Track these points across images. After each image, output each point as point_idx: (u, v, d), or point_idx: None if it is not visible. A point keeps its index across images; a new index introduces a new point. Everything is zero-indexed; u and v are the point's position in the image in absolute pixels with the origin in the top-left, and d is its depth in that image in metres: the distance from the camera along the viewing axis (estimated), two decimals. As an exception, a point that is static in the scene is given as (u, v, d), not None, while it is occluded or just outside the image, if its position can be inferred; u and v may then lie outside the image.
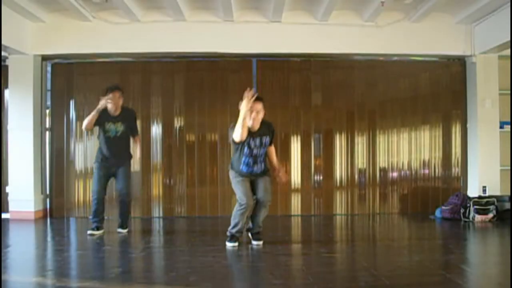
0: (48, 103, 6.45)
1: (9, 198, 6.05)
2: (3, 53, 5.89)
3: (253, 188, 4.41)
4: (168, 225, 5.84)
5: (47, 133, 6.40)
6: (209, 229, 5.52)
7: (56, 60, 6.36)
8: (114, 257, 4.17)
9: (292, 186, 6.43)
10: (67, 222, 6.04)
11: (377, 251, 4.39)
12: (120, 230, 5.12)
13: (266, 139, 4.41)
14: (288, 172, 6.31)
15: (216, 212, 6.30)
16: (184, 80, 6.40)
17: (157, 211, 6.34)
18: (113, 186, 5.32)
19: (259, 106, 4.35)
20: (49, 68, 6.40)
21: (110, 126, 4.97)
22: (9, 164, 6.09)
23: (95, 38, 6.02)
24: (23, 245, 4.69)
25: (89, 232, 4.99)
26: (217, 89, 6.37)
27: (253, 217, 4.46)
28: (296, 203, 6.42)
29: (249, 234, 4.53)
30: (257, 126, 4.37)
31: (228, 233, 4.42)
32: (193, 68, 6.41)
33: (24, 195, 5.99)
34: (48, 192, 6.34)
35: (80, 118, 6.35)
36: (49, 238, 5.24)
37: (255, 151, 4.35)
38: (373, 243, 4.94)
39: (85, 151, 6.35)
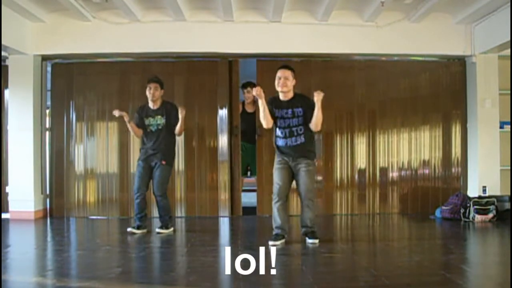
0: (48, 103, 6.45)
1: (9, 198, 6.05)
2: (3, 53, 5.88)
3: (296, 181, 4.46)
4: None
5: (47, 133, 6.40)
6: (209, 229, 5.52)
7: (56, 60, 6.35)
8: (114, 257, 4.16)
9: (292, 186, 6.41)
10: (67, 222, 6.03)
11: (377, 251, 4.39)
12: (159, 230, 5.02)
13: (299, 110, 4.39)
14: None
15: (216, 213, 6.31)
16: (184, 80, 6.40)
17: (157, 211, 6.32)
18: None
19: (286, 73, 4.37)
20: (49, 68, 6.40)
21: (150, 120, 5.02)
22: (9, 164, 6.09)
23: (95, 38, 6.02)
24: (23, 245, 4.68)
25: (129, 229, 4.99)
26: (217, 89, 6.36)
27: (300, 215, 4.51)
28: (296, 203, 6.41)
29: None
30: (288, 95, 4.41)
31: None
32: (193, 68, 6.40)
33: (24, 195, 5.98)
34: (48, 192, 6.34)
35: (80, 118, 6.36)
36: (49, 238, 5.24)
37: (287, 122, 4.38)
38: (373, 243, 4.93)
39: (85, 151, 6.35)
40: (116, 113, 5.03)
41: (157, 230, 5.02)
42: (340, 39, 6.15)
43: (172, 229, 5.10)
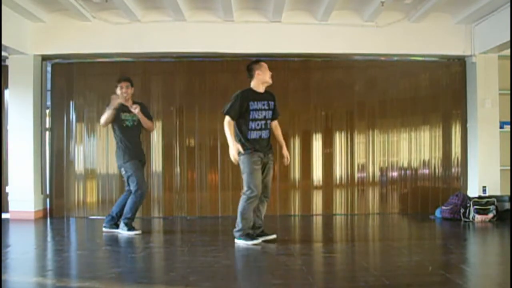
0: (48, 103, 6.45)
1: (9, 198, 6.05)
2: (3, 53, 5.89)
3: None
4: (168, 225, 5.84)
5: (47, 133, 6.40)
6: (209, 229, 5.52)
7: (56, 60, 6.36)
8: (114, 257, 4.17)
9: (292, 186, 6.44)
10: (67, 222, 6.04)
11: (377, 251, 4.39)
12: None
13: (272, 104, 4.49)
14: (288, 172, 6.35)
15: (216, 213, 6.32)
16: (184, 80, 6.40)
17: (157, 211, 6.34)
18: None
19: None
20: (49, 68, 6.40)
21: (126, 115, 5.04)
22: (9, 164, 6.10)
23: (95, 38, 6.02)
24: (23, 245, 4.69)
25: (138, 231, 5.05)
26: (217, 89, 6.37)
27: (256, 212, 4.47)
28: (295, 203, 6.42)
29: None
30: (264, 89, 4.51)
31: (239, 234, 4.37)
32: (193, 68, 6.40)
33: (24, 195, 5.99)
34: (48, 192, 6.35)
35: (80, 118, 6.37)
36: (49, 238, 5.24)
37: (264, 113, 4.42)
38: (373, 243, 4.94)
39: (85, 151, 6.36)
40: (114, 101, 4.97)
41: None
42: (340, 39, 6.15)
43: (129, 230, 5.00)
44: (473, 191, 6.25)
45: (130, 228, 4.97)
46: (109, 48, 6.08)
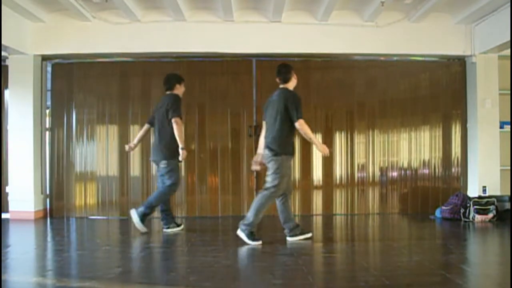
0: (48, 103, 6.45)
1: (9, 198, 6.05)
2: (3, 53, 5.89)
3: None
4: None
5: (47, 133, 6.40)
6: (209, 229, 5.52)
7: (56, 60, 6.36)
8: (114, 257, 4.16)
9: (292, 186, 6.42)
10: (67, 222, 6.04)
11: (377, 251, 4.39)
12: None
13: None
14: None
15: (216, 213, 6.32)
16: (184, 80, 6.38)
17: (157, 211, 6.32)
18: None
19: None
20: (49, 68, 6.40)
21: None
22: (9, 164, 6.10)
23: (95, 38, 6.02)
24: (23, 245, 4.68)
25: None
26: (217, 89, 6.37)
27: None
28: (295, 203, 6.41)
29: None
30: None
31: (246, 228, 4.39)
32: (193, 68, 6.40)
33: (24, 195, 5.99)
34: (48, 192, 6.35)
35: (80, 118, 6.37)
36: (49, 238, 5.23)
37: None
38: (373, 243, 4.93)
39: (85, 151, 6.36)
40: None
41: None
42: (340, 39, 6.15)
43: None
44: (473, 191, 6.25)
45: (143, 220, 4.97)
46: (109, 48, 6.08)
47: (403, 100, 6.54)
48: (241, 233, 4.40)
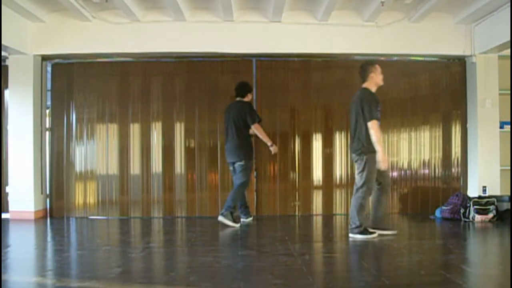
0: (48, 103, 6.45)
1: (9, 198, 6.05)
2: (3, 53, 5.89)
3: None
4: (168, 225, 5.84)
5: (47, 133, 6.40)
6: (209, 229, 5.52)
7: (56, 60, 6.36)
8: (114, 257, 4.16)
9: (292, 186, 6.43)
10: (67, 222, 6.04)
11: (377, 251, 4.39)
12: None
13: None
14: (287, 171, 6.38)
15: (216, 213, 6.31)
16: (184, 80, 6.40)
17: (157, 211, 6.34)
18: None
19: None
20: (49, 68, 6.41)
21: None
22: (9, 164, 6.09)
23: (95, 38, 6.02)
24: (23, 245, 4.69)
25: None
26: (217, 89, 6.36)
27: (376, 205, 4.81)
28: (296, 202, 6.41)
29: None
30: (375, 90, 4.72)
31: (358, 230, 4.58)
32: (193, 68, 6.40)
33: (24, 195, 5.99)
34: (48, 192, 6.35)
35: (80, 118, 6.37)
36: (49, 238, 5.23)
37: (379, 115, 4.64)
38: (372, 243, 4.93)
39: (85, 151, 6.36)
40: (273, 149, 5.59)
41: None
42: (340, 39, 6.15)
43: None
44: (473, 191, 6.25)
45: (235, 219, 5.37)
46: (109, 48, 6.08)
47: (403, 100, 6.53)
48: (354, 236, 4.62)
